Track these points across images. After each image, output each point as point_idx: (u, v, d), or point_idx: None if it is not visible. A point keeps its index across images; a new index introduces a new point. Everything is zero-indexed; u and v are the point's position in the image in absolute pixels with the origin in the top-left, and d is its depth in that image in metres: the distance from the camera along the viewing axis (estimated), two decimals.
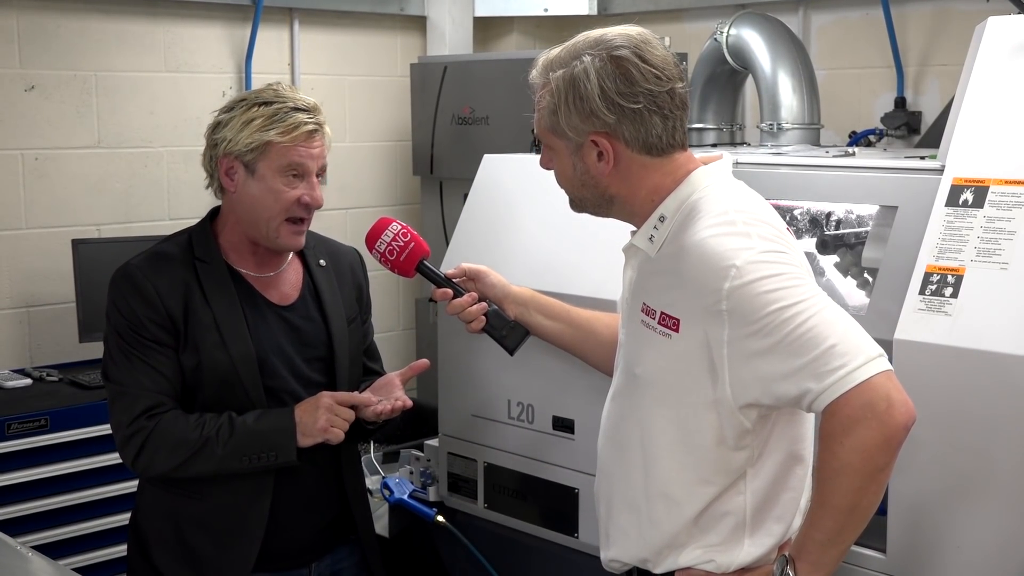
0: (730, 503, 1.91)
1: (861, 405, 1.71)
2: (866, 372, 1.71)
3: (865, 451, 1.72)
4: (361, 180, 4.89)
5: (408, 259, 2.35)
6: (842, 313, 1.78)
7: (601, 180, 1.95)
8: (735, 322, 1.78)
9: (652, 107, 1.89)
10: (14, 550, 2.10)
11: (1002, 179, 2.12)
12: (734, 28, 3.40)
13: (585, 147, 1.93)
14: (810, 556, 1.80)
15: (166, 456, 2.29)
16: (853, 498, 1.75)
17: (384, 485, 2.88)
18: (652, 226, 1.94)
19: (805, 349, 1.73)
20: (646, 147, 1.91)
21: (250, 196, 2.35)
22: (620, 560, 2.04)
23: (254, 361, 2.35)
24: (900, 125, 3.95)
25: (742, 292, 1.77)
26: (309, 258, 2.51)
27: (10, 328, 3.97)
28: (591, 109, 1.89)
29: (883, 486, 1.77)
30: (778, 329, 1.75)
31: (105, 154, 4.16)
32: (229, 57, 4.44)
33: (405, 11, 4.94)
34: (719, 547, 1.92)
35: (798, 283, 1.78)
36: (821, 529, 1.79)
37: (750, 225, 1.84)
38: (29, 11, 3.94)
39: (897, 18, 3.97)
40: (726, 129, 3.55)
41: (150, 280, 2.32)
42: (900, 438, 1.73)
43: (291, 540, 2.43)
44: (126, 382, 2.32)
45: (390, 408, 2.39)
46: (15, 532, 3.23)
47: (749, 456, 1.89)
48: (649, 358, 1.93)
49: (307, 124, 2.33)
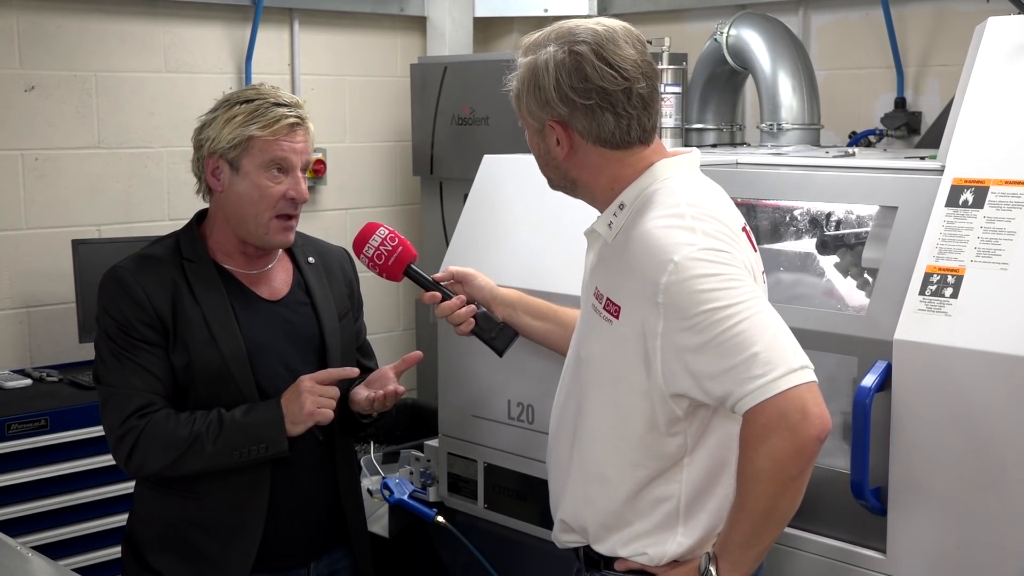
0: (665, 489, 1.95)
1: (776, 415, 1.75)
2: (786, 383, 1.75)
3: (778, 459, 1.76)
4: (361, 180, 4.89)
5: (396, 263, 2.35)
6: (775, 319, 1.81)
7: (561, 164, 2.00)
8: (670, 316, 1.82)
9: (605, 104, 1.92)
10: (14, 550, 2.11)
11: (1002, 179, 2.12)
12: (734, 28, 3.40)
13: (545, 131, 1.99)
14: (730, 556, 1.86)
15: (158, 455, 2.29)
16: (767, 503, 1.80)
17: (384, 485, 2.88)
18: (612, 213, 1.98)
19: (732, 353, 1.77)
20: (600, 140, 1.96)
21: (236, 195, 2.36)
22: (567, 522, 2.09)
23: (245, 357, 2.36)
24: (900, 125, 3.95)
25: (678, 288, 1.80)
26: (298, 255, 2.52)
27: (10, 328, 3.97)
28: (546, 99, 1.95)
29: (798, 493, 1.81)
30: (709, 329, 1.78)
31: (105, 154, 4.16)
32: (229, 57, 4.44)
33: (405, 11, 4.94)
34: (653, 535, 1.96)
35: (735, 285, 1.81)
36: (739, 531, 1.85)
37: (697, 220, 1.87)
38: (29, 11, 3.95)
39: (897, 18, 3.97)
40: (726, 129, 3.55)
41: (137, 281, 2.33)
42: (812, 449, 1.77)
43: (289, 538, 2.43)
44: (117, 383, 2.32)
45: (383, 394, 2.39)
46: (15, 532, 3.23)
47: (682, 444, 1.93)
48: (593, 342, 1.99)
49: (288, 117, 2.35)
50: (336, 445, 2.49)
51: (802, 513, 2.20)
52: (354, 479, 2.59)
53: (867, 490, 2.12)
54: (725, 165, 2.62)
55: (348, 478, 2.55)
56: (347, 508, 2.53)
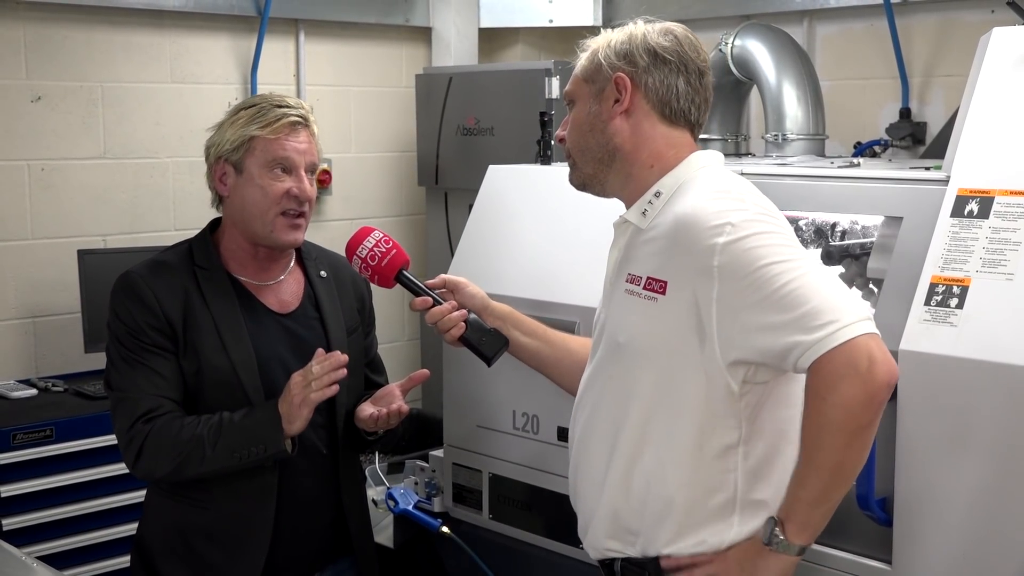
0: (722, 479, 1.92)
1: (844, 363, 1.75)
2: (852, 332, 1.76)
3: (848, 408, 1.76)
4: (366, 190, 4.90)
5: (388, 266, 2.34)
6: (832, 276, 1.85)
7: (610, 125, 2.02)
8: (725, 277, 1.83)
9: (682, 68, 2.02)
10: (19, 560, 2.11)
11: (1007, 190, 2.12)
12: (739, 39, 3.41)
13: (607, 89, 2.02)
14: (798, 516, 1.84)
15: (164, 458, 2.31)
16: (837, 456, 1.79)
17: (389, 496, 2.88)
18: (647, 201, 2.00)
19: (795, 304, 1.78)
20: (662, 104, 2.01)
21: (241, 196, 2.38)
22: (607, 526, 2.03)
23: (254, 365, 2.37)
24: (905, 136, 3.95)
25: (735, 247, 1.82)
26: (310, 268, 2.52)
27: (16, 338, 3.98)
28: (628, 50, 2.02)
29: (867, 445, 1.80)
30: (769, 283, 1.80)
31: (111, 165, 4.16)
32: (235, 68, 4.46)
33: (410, 22, 4.95)
34: (708, 526, 1.93)
35: (790, 243, 1.86)
36: (809, 489, 1.82)
37: (745, 194, 1.93)
38: (35, 22, 3.96)
39: (902, 29, 3.97)
40: (731, 140, 3.55)
41: (149, 286, 2.35)
42: (882, 396, 1.77)
43: (294, 549, 2.44)
44: (127, 388, 2.34)
45: (386, 413, 2.39)
46: (20, 542, 3.23)
47: (737, 429, 1.91)
48: (633, 323, 1.97)
49: (289, 116, 2.37)
50: (339, 457, 2.49)
51: None
52: (358, 491, 2.59)
53: (873, 501, 2.11)
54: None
55: (352, 490, 2.55)
56: (351, 520, 2.53)
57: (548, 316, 2.49)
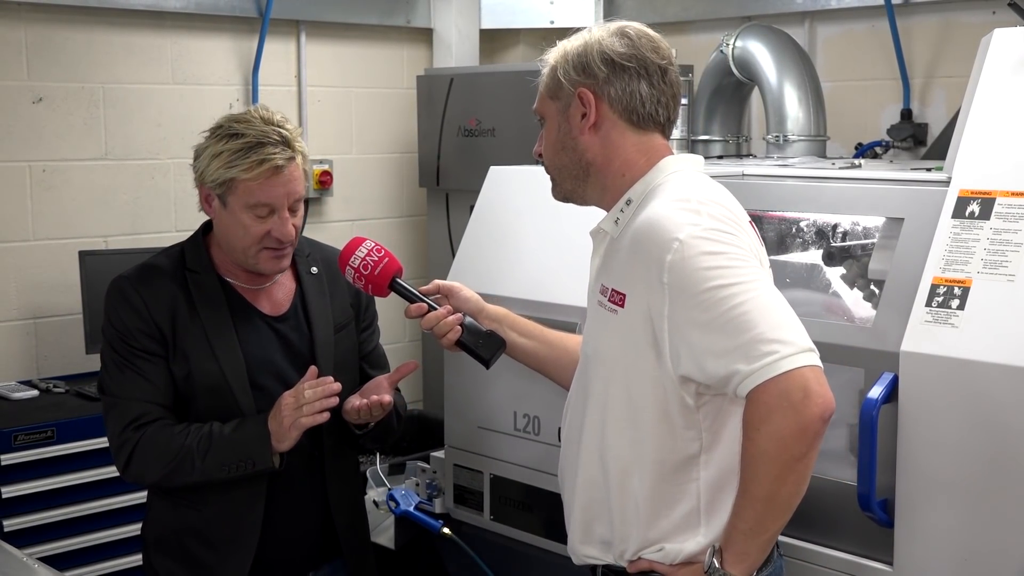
0: (684, 488, 1.92)
1: (778, 394, 1.74)
2: (790, 363, 1.74)
3: (780, 439, 1.75)
4: (367, 192, 4.89)
5: (382, 275, 2.32)
6: (780, 300, 1.82)
7: (580, 141, 2.01)
8: (675, 295, 1.82)
9: (642, 72, 1.99)
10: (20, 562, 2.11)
11: (1009, 191, 2.12)
12: (740, 40, 3.41)
13: (573, 105, 2.01)
14: (735, 547, 1.84)
15: (153, 467, 2.33)
16: (770, 487, 1.78)
17: (390, 497, 2.88)
18: (619, 209, 2.00)
19: (736, 332, 1.77)
20: (627, 112, 2.00)
21: (225, 226, 2.38)
22: (586, 552, 2.06)
23: (243, 371, 2.37)
24: (906, 137, 3.95)
25: (683, 266, 1.81)
26: (300, 266, 2.52)
27: (17, 339, 3.98)
28: (586, 63, 2.00)
29: (803, 477, 1.79)
30: (714, 307, 1.79)
31: (112, 166, 4.17)
32: (236, 69, 4.45)
33: (412, 23, 4.95)
34: (674, 535, 1.92)
35: (740, 264, 1.82)
36: (743, 519, 1.83)
37: (703, 204, 1.89)
38: (37, 23, 3.96)
39: (903, 30, 3.97)
40: (732, 141, 3.56)
41: (138, 291, 2.35)
42: (815, 429, 1.75)
43: (283, 550, 2.45)
44: (118, 393, 2.35)
45: (367, 404, 2.37)
46: (21, 543, 3.24)
47: (697, 440, 1.91)
48: (600, 336, 1.98)
49: (273, 159, 2.30)
50: (327, 458, 2.49)
51: (809, 525, 2.20)
52: (349, 492, 2.58)
53: (874, 502, 2.11)
54: (731, 176, 2.62)
55: (340, 491, 2.53)
56: (339, 521, 2.52)
57: (549, 317, 2.49)
